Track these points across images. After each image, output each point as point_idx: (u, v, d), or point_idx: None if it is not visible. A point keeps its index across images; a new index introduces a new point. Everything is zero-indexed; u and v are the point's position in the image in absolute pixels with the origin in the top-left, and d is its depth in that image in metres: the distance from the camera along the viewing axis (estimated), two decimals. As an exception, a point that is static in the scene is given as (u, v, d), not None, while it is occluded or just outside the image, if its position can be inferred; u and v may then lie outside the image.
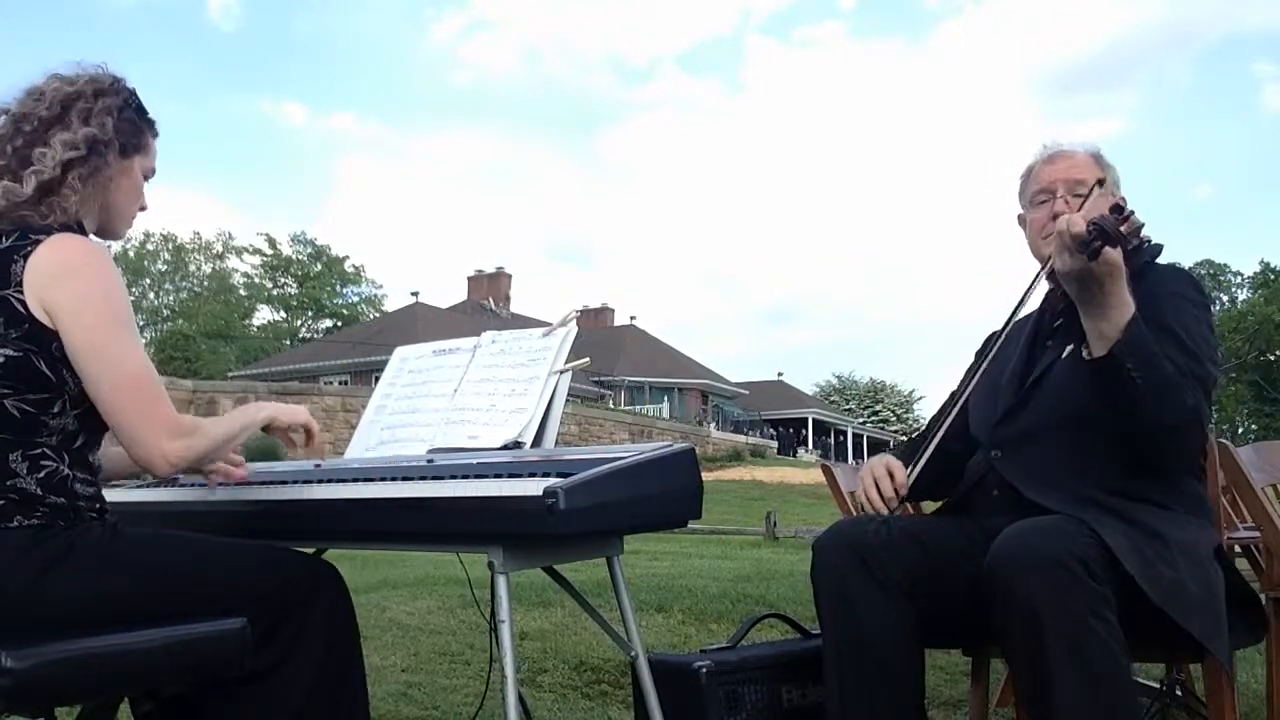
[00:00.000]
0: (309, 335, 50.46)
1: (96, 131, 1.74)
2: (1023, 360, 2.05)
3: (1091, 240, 1.64)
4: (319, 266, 52.31)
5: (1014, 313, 2.02)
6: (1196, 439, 1.86)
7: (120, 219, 1.85)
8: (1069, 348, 1.93)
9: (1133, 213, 1.68)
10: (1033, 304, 2.09)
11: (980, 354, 2.10)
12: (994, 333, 2.10)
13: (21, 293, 1.63)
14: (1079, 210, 1.87)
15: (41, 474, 1.65)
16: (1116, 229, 1.65)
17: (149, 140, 1.87)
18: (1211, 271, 52.21)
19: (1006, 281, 2.08)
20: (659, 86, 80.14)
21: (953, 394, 2.04)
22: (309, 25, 76.16)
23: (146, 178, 1.88)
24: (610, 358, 39.98)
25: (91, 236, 1.81)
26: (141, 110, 1.85)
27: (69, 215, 1.72)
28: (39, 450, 1.65)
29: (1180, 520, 1.81)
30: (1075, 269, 1.69)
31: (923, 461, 1.96)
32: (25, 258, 1.64)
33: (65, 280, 1.64)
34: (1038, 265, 2.02)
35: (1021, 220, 2.13)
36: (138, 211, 1.88)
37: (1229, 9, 77.97)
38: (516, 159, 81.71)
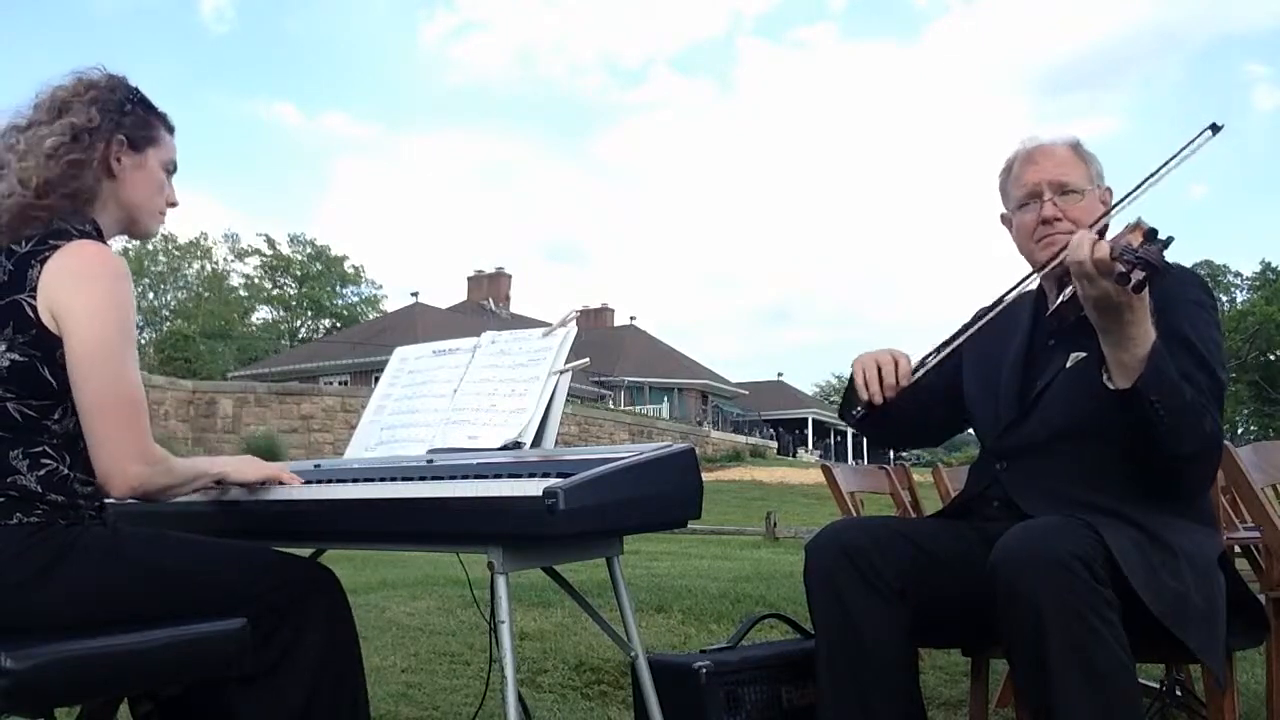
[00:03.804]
0: (308, 335, 50.42)
1: (77, 120, 1.73)
2: (1021, 361, 2.03)
3: (1131, 270, 1.54)
4: (318, 266, 52.27)
5: (1003, 297, 1.96)
6: (1213, 463, 1.83)
7: (145, 215, 1.85)
8: (1073, 355, 1.91)
9: (1171, 239, 1.56)
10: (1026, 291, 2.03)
11: (965, 327, 2.02)
12: (984, 308, 2.02)
13: (34, 298, 1.64)
14: (1090, 226, 1.81)
15: (42, 472, 1.65)
16: (1162, 259, 1.54)
17: (161, 133, 1.85)
18: (1211, 272, 52.13)
19: (1004, 281, 2.04)
20: (653, 88, 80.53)
21: (945, 342, 1.98)
22: (300, 26, 76.30)
23: (169, 172, 1.87)
24: (610, 358, 39.98)
25: (117, 237, 1.82)
26: (148, 104, 1.85)
27: (76, 203, 1.72)
28: (40, 449, 1.66)
29: (1187, 527, 1.80)
30: (1100, 295, 1.62)
31: (931, 364, 1.93)
32: (42, 263, 1.65)
33: (76, 286, 1.64)
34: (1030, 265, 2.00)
35: (1005, 220, 2.07)
36: (165, 206, 1.88)
37: (1219, 10, 78.03)
38: (514, 160, 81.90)
